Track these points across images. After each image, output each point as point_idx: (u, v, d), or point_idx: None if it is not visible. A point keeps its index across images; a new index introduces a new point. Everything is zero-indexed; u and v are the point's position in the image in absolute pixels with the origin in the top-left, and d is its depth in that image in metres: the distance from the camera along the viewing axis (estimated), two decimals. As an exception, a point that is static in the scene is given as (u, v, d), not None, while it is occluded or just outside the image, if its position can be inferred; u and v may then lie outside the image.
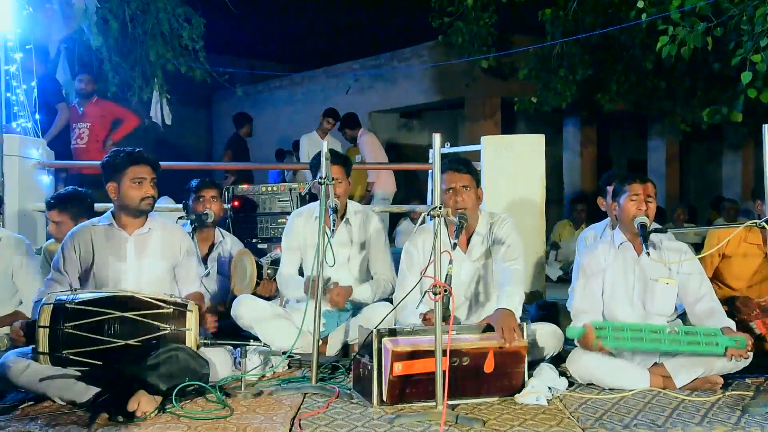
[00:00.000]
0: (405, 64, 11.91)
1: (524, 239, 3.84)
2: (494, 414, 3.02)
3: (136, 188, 3.59)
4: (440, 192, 3.60)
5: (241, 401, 3.15)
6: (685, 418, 2.96)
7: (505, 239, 3.80)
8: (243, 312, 4.05)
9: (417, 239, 3.90)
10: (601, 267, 3.72)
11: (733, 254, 4.29)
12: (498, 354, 3.21)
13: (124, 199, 3.61)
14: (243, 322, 4.05)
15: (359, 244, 4.25)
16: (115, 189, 3.62)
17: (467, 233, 3.85)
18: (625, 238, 3.72)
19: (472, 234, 3.87)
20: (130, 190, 3.59)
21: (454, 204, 3.69)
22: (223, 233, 4.76)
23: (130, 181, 3.58)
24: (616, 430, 2.82)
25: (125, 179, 3.59)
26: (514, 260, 3.73)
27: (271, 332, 3.93)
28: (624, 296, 3.66)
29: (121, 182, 3.60)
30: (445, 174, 3.72)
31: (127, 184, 3.59)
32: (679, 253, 3.69)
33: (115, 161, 3.62)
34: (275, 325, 3.99)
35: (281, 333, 3.93)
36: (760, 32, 5.79)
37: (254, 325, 3.99)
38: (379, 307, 3.96)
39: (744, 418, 2.94)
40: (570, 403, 3.18)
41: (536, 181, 5.10)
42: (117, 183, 3.61)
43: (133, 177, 3.58)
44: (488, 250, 3.86)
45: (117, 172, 3.60)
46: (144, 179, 3.60)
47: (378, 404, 3.08)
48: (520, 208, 4.98)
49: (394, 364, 3.04)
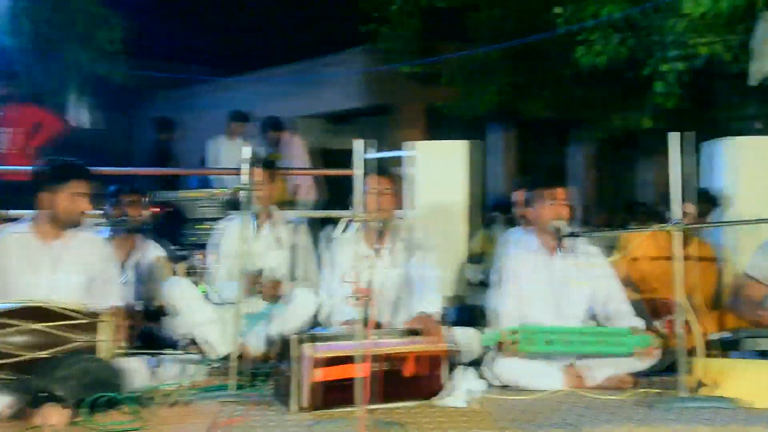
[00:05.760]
0: (332, 70, 11.91)
1: (447, 244, 3.91)
2: (414, 418, 3.05)
3: (74, 202, 3.47)
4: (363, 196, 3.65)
5: (156, 412, 3.09)
6: (596, 415, 3.05)
7: (425, 244, 3.86)
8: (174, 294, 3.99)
9: (340, 245, 3.92)
10: (519, 271, 3.81)
11: (644, 257, 4.44)
12: (418, 358, 3.25)
13: (58, 211, 3.47)
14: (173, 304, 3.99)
15: (286, 248, 4.24)
16: (48, 199, 3.48)
17: (389, 238, 3.89)
18: (540, 242, 3.82)
19: (394, 239, 3.91)
20: (69, 203, 3.46)
21: (376, 207, 3.73)
22: (143, 240, 4.67)
23: (71, 194, 3.46)
24: (531, 430, 2.89)
25: (64, 192, 3.45)
26: (435, 265, 3.79)
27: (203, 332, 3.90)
28: (539, 299, 3.76)
29: (57, 194, 3.46)
30: (369, 177, 3.76)
31: (66, 198, 3.45)
32: (592, 256, 3.82)
33: (54, 172, 3.50)
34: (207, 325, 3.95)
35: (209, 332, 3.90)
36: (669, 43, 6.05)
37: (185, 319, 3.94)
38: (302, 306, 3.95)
39: (652, 415, 3.05)
40: (488, 405, 3.24)
41: (461, 186, 5.17)
42: (52, 194, 3.47)
43: (74, 191, 3.46)
44: (409, 255, 3.90)
45: (55, 184, 3.47)
46: (84, 194, 3.50)
47: (297, 411, 3.07)
48: (443, 213, 5.04)
49: (314, 370, 3.04)
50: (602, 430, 2.88)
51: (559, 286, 3.77)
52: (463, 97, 9.83)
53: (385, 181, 3.83)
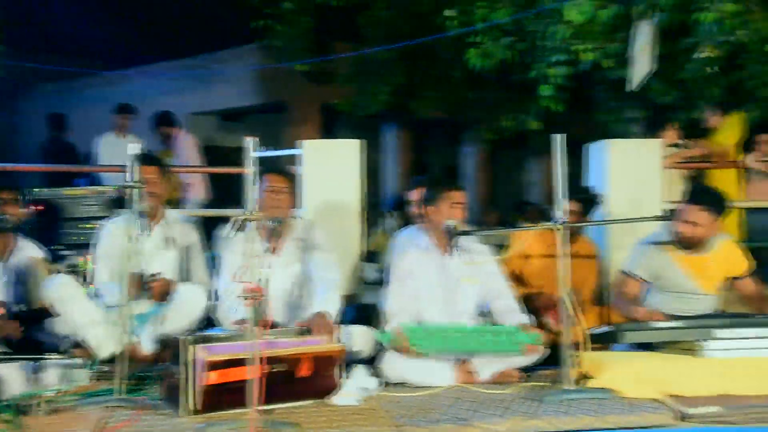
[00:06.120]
0: (225, 66, 11.70)
1: (341, 243, 3.91)
2: (308, 417, 3.04)
3: None
4: (259, 193, 3.62)
5: (36, 420, 2.94)
6: (487, 410, 3.13)
7: (320, 244, 3.87)
8: (55, 294, 3.83)
9: (232, 244, 3.86)
10: (412, 270, 3.87)
11: (532, 254, 4.59)
12: (313, 358, 3.24)
13: None
14: (55, 305, 3.82)
15: (176, 248, 4.13)
16: None
17: (284, 238, 3.87)
18: (434, 241, 3.89)
19: (289, 239, 3.88)
20: None
21: (272, 204, 3.71)
22: (22, 239, 4.44)
23: None
24: (425, 425, 2.93)
25: None
26: (330, 265, 3.80)
27: (87, 333, 3.75)
28: (432, 298, 3.83)
29: None
30: (266, 175, 3.77)
31: None
32: (482, 254, 3.92)
33: None
34: (91, 326, 3.79)
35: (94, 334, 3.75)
36: (554, 49, 6.29)
37: (68, 320, 3.78)
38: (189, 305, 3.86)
39: (540, 408, 3.15)
40: (382, 403, 3.27)
41: (354, 185, 5.18)
42: None
43: None
44: (304, 255, 3.89)
45: None
46: None
47: (188, 414, 2.99)
48: (338, 212, 5.04)
49: (207, 373, 2.97)
50: (493, 423, 2.95)
51: (451, 285, 3.84)
52: (358, 96, 9.88)
53: (282, 180, 3.82)
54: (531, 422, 2.98)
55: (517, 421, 2.98)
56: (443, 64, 9.54)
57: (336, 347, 3.31)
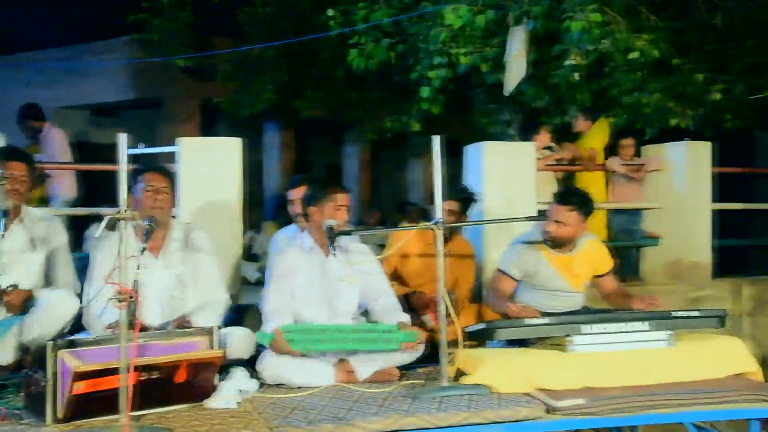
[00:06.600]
0: (98, 59, 11.23)
1: (221, 242, 3.85)
2: (182, 421, 2.96)
3: None
4: (138, 193, 3.52)
5: None
6: (364, 409, 3.15)
7: (202, 248, 3.81)
8: None
9: (103, 244, 3.71)
10: (291, 269, 3.84)
11: (411, 253, 4.66)
12: (190, 365, 3.15)
13: None
14: None
15: (39, 249, 3.91)
16: None
17: (161, 238, 3.76)
18: (314, 241, 3.89)
19: (167, 239, 3.78)
20: None
21: (152, 204, 3.62)
22: None
23: None
24: (302, 426, 2.91)
25: None
26: (214, 265, 3.75)
27: None
28: (312, 298, 3.82)
29: None
30: (146, 174, 3.70)
31: None
32: (362, 254, 3.95)
33: None
34: None
35: None
36: (434, 51, 6.42)
37: None
38: (56, 310, 3.68)
39: (415, 405, 3.19)
40: (259, 404, 3.23)
41: (233, 184, 5.09)
42: None
43: None
44: (184, 257, 3.80)
45: None
46: None
47: (52, 423, 2.84)
48: (217, 211, 4.94)
49: (74, 383, 2.82)
50: (369, 422, 2.97)
51: (331, 285, 3.85)
52: (240, 93, 9.74)
53: (162, 179, 3.71)
54: (407, 420, 3.01)
55: (394, 419, 3.02)
56: (326, 64, 9.56)
57: (214, 353, 3.23)
